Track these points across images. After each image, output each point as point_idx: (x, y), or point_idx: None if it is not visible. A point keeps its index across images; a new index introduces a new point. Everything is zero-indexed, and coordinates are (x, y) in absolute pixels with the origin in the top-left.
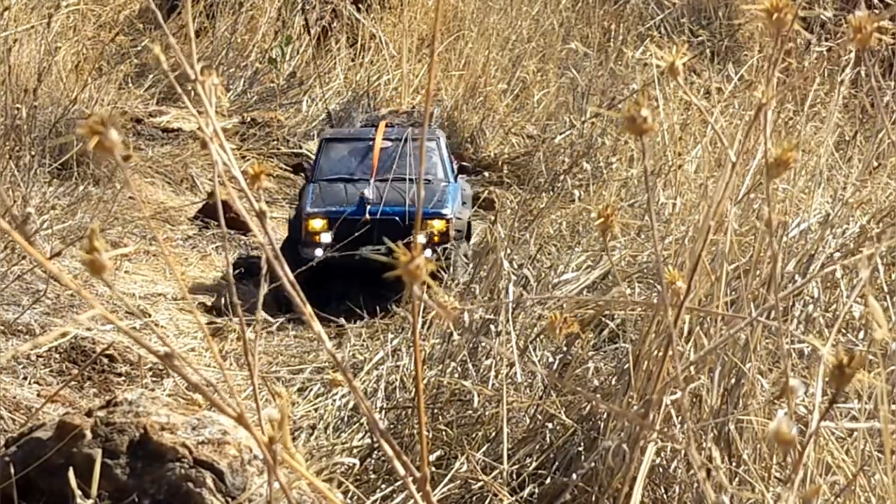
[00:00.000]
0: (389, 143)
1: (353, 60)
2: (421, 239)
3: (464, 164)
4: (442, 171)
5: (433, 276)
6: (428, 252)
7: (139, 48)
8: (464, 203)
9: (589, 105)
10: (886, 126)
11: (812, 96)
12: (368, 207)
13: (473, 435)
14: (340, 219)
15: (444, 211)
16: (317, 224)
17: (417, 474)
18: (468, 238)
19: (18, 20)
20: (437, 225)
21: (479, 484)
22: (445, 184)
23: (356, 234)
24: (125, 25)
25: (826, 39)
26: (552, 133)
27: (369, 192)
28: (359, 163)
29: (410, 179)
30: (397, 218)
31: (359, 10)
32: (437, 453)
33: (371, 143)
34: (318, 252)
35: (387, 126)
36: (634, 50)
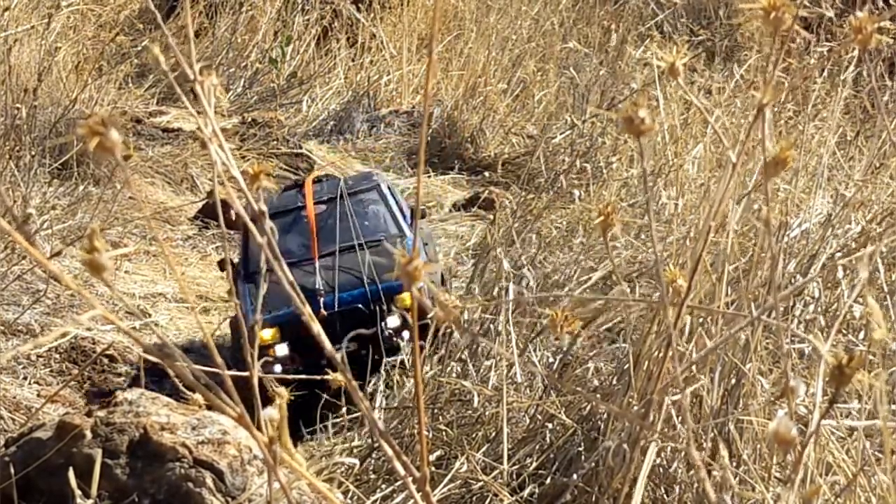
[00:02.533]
0: (323, 207)
1: (353, 60)
2: (394, 322)
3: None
4: (393, 224)
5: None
6: (406, 334)
7: (139, 48)
8: (427, 250)
9: (589, 105)
10: (887, 127)
11: (814, 96)
12: (322, 300)
13: (473, 435)
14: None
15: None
16: (266, 334)
17: (417, 474)
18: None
19: (18, 20)
20: (409, 298)
21: (479, 484)
22: (401, 237)
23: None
24: (125, 25)
25: (828, 39)
26: (552, 133)
27: (318, 281)
28: (294, 240)
29: (360, 245)
30: (360, 305)
31: (359, 10)
32: (437, 453)
33: (302, 212)
34: (277, 368)
35: (314, 183)
36: (635, 49)
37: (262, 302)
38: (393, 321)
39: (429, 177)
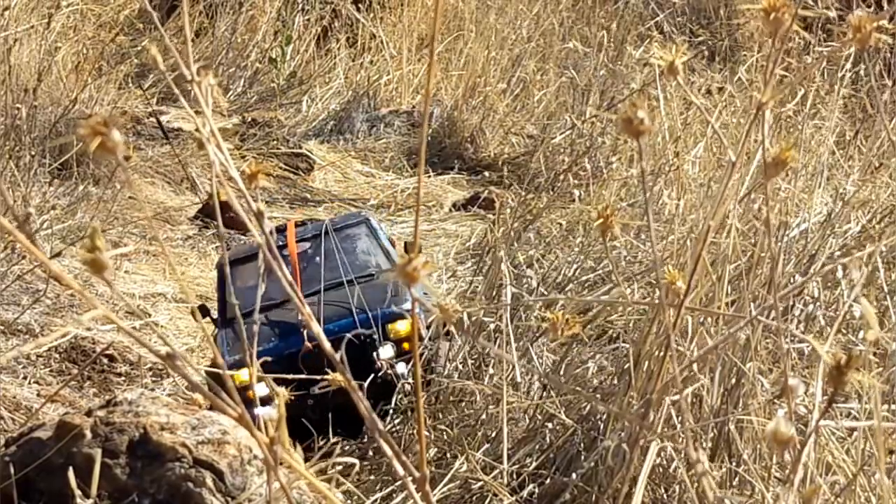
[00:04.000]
0: (307, 245)
1: (353, 60)
2: (387, 353)
3: (411, 241)
4: (384, 257)
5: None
6: (402, 367)
7: (139, 48)
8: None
9: (589, 105)
10: (886, 126)
11: (812, 96)
12: (305, 332)
13: (473, 435)
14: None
15: (406, 307)
16: (244, 376)
17: (417, 474)
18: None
19: (18, 20)
20: (403, 328)
21: (479, 484)
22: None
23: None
24: (125, 25)
25: (827, 39)
26: (552, 133)
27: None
28: (273, 280)
29: (350, 281)
30: (349, 335)
31: (359, 10)
32: (434, 451)
33: (283, 251)
34: (258, 411)
35: (297, 225)
36: (635, 49)
37: (237, 344)
38: (386, 351)
39: (429, 177)
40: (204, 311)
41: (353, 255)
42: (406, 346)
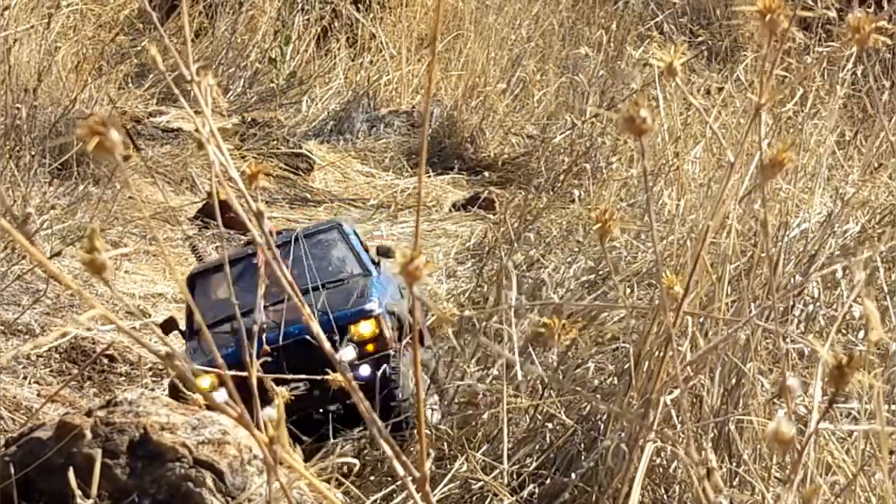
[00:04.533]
0: (278, 251)
1: (353, 60)
2: (348, 355)
3: (383, 244)
4: (357, 264)
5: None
6: (366, 369)
7: (139, 48)
8: (402, 295)
9: (589, 105)
10: (886, 126)
11: (812, 96)
12: (265, 336)
13: (473, 435)
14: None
15: (369, 307)
16: (203, 384)
17: (417, 474)
18: (421, 342)
19: (18, 20)
20: (365, 329)
21: (479, 484)
22: (365, 276)
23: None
24: (125, 25)
25: (827, 39)
26: (552, 133)
27: (262, 317)
28: (243, 290)
29: (316, 288)
30: (308, 337)
31: (359, 10)
32: (434, 451)
33: (252, 259)
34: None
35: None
36: (635, 50)
37: (198, 352)
38: (348, 353)
39: (428, 177)
40: (173, 324)
41: (324, 261)
42: (369, 347)
